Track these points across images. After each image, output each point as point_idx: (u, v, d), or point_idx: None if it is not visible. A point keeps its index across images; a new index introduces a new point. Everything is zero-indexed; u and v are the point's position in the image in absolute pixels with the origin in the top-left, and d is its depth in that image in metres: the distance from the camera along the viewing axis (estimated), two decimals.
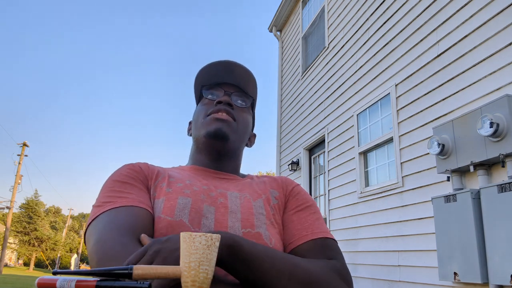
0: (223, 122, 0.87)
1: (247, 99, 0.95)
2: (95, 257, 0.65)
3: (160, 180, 0.84)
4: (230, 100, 0.90)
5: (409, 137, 3.57)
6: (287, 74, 7.57)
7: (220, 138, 0.87)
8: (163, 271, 0.50)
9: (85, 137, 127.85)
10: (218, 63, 0.94)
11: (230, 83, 0.94)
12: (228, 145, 0.89)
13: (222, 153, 0.90)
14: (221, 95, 0.92)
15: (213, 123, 0.87)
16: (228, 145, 0.89)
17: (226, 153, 0.91)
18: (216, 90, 0.94)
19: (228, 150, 0.90)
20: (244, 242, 0.63)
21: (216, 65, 0.94)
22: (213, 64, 0.94)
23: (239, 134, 0.91)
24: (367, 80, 4.46)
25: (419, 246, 3.25)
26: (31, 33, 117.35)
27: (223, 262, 0.60)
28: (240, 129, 0.91)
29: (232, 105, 0.90)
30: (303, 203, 0.88)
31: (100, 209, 0.74)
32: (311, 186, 6.05)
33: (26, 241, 37.87)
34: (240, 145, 0.94)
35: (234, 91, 0.94)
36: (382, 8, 4.32)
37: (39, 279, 0.50)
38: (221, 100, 0.89)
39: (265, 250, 0.67)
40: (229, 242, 0.60)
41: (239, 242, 0.62)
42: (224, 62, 0.94)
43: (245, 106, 0.95)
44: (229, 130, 0.88)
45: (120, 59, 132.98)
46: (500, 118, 2.43)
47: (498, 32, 2.73)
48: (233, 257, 0.61)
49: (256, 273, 0.63)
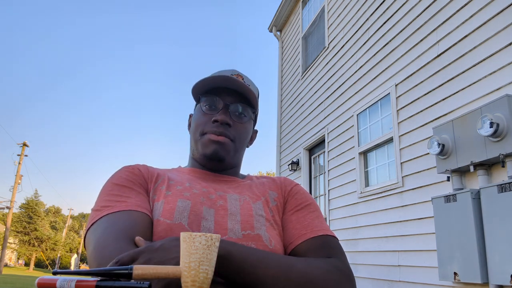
0: (219, 145, 0.86)
1: (247, 107, 0.91)
2: (94, 263, 0.65)
3: (160, 183, 0.83)
4: (227, 119, 0.86)
5: (409, 137, 3.57)
6: (287, 74, 7.57)
7: (217, 160, 0.88)
8: (163, 271, 0.50)
9: (85, 137, 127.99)
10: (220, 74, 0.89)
11: (230, 89, 0.89)
12: (224, 164, 0.90)
13: (218, 169, 0.91)
14: (220, 106, 0.88)
15: (210, 146, 0.86)
16: (225, 164, 0.90)
17: (222, 169, 0.91)
18: (214, 98, 0.89)
19: (224, 168, 0.91)
20: (236, 251, 0.63)
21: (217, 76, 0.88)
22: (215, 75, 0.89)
23: (236, 151, 0.90)
24: (367, 80, 4.46)
25: (419, 246, 3.24)
26: (30, 30, 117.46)
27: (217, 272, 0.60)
28: (238, 145, 0.90)
29: (230, 124, 0.87)
30: (302, 202, 0.88)
31: (99, 214, 0.73)
32: (311, 186, 6.05)
33: (26, 241, 37.88)
34: (238, 158, 0.93)
35: (232, 101, 0.89)
36: (382, 8, 4.32)
37: (39, 279, 0.50)
38: (217, 119, 0.86)
39: (258, 256, 0.66)
40: (221, 252, 0.60)
41: (230, 251, 0.62)
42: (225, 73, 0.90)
43: (244, 121, 0.90)
44: (225, 153, 0.87)
45: (120, 59, 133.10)
46: (500, 118, 2.43)
47: (498, 32, 2.73)
48: (225, 268, 0.61)
49: (250, 280, 0.63)
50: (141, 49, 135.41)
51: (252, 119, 0.96)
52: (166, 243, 0.59)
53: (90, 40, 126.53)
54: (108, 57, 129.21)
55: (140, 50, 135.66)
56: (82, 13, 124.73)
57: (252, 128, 0.98)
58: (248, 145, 1.00)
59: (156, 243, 0.59)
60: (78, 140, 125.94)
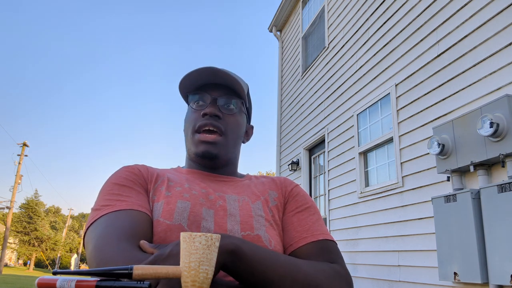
0: (210, 145, 0.86)
1: (236, 99, 0.90)
2: (94, 262, 0.65)
3: (160, 184, 0.84)
4: (216, 111, 0.86)
5: (409, 137, 3.57)
6: (287, 74, 7.57)
7: (209, 159, 0.88)
8: (163, 271, 0.50)
9: (85, 137, 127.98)
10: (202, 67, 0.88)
11: (215, 83, 0.89)
12: (218, 161, 0.89)
13: (214, 167, 0.91)
14: (208, 101, 0.88)
15: (200, 145, 0.86)
16: (219, 161, 0.90)
17: (218, 166, 0.91)
18: (202, 94, 0.89)
19: (219, 164, 0.91)
20: (246, 246, 0.62)
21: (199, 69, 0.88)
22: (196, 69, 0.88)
23: (228, 145, 0.89)
24: (367, 80, 4.46)
25: (419, 246, 3.25)
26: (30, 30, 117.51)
27: (225, 267, 0.59)
28: (230, 139, 0.89)
29: (219, 115, 0.87)
30: (302, 204, 0.88)
31: (98, 213, 0.73)
32: (311, 186, 6.05)
33: (26, 241, 37.90)
34: (232, 152, 0.92)
35: (220, 94, 0.89)
36: (382, 8, 4.32)
37: (39, 279, 0.50)
38: (206, 112, 0.86)
39: (267, 254, 0.66)
40: (231, 247, 0.59)
41: (241, 247, 0.61)
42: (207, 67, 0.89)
43: (234, 112, 0.90)
44: (217, 150, 0.87)
45: (119, 60, 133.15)
46: (500, 118, 2.43)
47: (498, 32, 2.73)
48: (236, 263, 0.60)
49: (259, 277, 0.63)
50: (139, 49, 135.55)
51: (244, 112, 0.95)
52: (173, 249, 0.57)
53: (90, 40, 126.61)
54: (108, 57, 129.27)
55: (138, 50, 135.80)
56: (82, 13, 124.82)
57: (246, 122, 0.97)
58: (245, 141, 0.99)
59: (165, 250, 0.58)
60: (79, 140, 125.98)
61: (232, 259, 0.59)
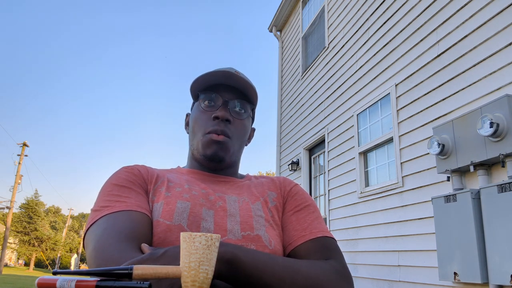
0: (219, 145, 0.86)
1: (247, 104, 0.91)
2: (94, 263, 0.65)
3: (160, 184, 0.83)
4: (228, 115, 0.87)
5: (409, 137, 3.57)
6: (287, 74, 7.57)
7: (217, 161, 0.88)
8: (163, 271, 0.50)
9: (86, 136, 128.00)
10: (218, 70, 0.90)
11: (229, 86, 0.90)
12: (224, 164, 0.90)
13: (217, 169, 0.91)
14: (219, 103, 0.88)
15: (210, 146, 0.86)
16: (225, 164, 0.90)
17: (221, 168, 0.91)
18: (213, 95, 0.89)
19: (223, 167, 0.91)
20: (242, 254, 0.61)
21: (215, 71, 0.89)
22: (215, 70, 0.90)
23: (234, 149, 0.90)
24: (367, 80, 4.46)
25: (419, 246, 3.25)
26: (30, 30, 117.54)
27: (222, 276, 0.58)
28: (236, 144, 0.90)
29: (230, 120, 0.87)
30: (301, 203, 0.88)
31: (98, 214, 0.73)
32: (311, 186, 6.05)
33: (26, 241, 37.88)
34: (237, 156, 0.93)
35: (232, 97, 0.89)
36: (382, 8, 4.32)
37: (39, 279, 0.50)
38: (218, 116, 0.86)
39: (265, 258, 0.65)
40: (227, 256, 0.58)
41: (238, 255, 0.60)
42: (225, 69, 0.90)
43: (244, 117, 0.91)
44: (225, 153, 0.87)
45: (119, 59, 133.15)
46: (500, 118, 2.43)
47: (498, 32, 2.73)
48: (233, 272, 0.59)
49: (257, 283, 0.62)
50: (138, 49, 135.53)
51: (251, 116, 0.96)
52: (169, 250, 0.58)
53: (90, 40, 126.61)
54: (108, 57, 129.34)
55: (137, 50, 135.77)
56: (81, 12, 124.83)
57: (251, 125, 0.98)
58: (247, 144, 1.00)
59: (159, 250, 0.58)
60: (79, 140, 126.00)
61: (227, 268, 0.58)
